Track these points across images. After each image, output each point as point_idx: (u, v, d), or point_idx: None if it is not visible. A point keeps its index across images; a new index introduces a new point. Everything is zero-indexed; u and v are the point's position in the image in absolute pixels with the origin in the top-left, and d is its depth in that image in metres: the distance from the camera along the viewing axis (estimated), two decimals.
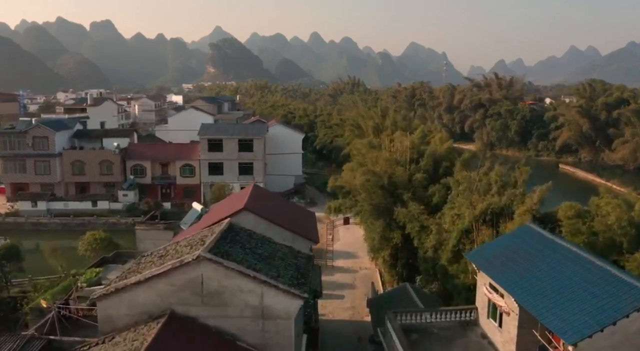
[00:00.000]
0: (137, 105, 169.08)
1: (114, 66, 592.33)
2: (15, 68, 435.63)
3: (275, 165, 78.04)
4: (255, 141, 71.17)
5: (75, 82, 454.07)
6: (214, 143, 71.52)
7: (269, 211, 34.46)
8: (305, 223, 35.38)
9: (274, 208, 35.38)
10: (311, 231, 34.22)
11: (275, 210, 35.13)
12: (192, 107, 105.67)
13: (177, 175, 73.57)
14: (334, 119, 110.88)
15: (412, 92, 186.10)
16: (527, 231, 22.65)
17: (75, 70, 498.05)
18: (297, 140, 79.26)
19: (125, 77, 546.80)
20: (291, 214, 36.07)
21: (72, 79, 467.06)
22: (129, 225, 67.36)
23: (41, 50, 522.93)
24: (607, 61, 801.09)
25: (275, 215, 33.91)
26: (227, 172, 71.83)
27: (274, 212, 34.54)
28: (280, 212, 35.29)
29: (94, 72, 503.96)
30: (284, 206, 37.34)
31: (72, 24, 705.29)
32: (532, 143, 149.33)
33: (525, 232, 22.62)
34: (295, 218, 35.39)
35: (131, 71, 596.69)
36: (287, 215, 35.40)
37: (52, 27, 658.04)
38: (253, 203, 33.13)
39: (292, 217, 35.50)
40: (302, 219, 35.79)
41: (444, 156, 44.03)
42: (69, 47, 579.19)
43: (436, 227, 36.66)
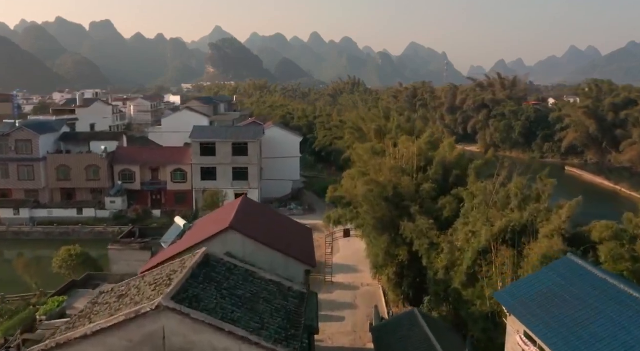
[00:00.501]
0: (132, 106, 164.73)
1: (113, 66, 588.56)
2: (14, 68, 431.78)
3: (272, 170, 73.76)
4: (250, 145, 66.88)
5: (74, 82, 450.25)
6: (207, 147, 67.24)
7: (259, 229, 30.16)
8: (301, 242, 31.09)
9: (265, 225, 31.08)
10: (307, 252, 29.92)
11: (267, 228, 30.83)
12: (187, 108, 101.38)
13: (168, 180, 69.29)
14: (334, 120, 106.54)
15: (413, 92, 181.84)
16: (569, 266, 18.33)
17: (74, 70, 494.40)
18: (294, 143, 74.96)
19: (125, 77, 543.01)
20: (285, 232, 31.78)
21: (71, 79, 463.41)
22: (116, 234, 63.16)
23: (40, 50, 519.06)
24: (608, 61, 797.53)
25: (265, 234, 29.61)
26: (221, 178, 67.57)
27: (264, 230, 30.25)
28: (272, 230, 30.98)
29: (93, 72, 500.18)
30: (277, 222, 33.00)
31: (72, 24, 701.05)
32: (536, 144, 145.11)
33: (567, 267, 18.30)
34: (290, 237, 31.10)
35: (131, 71, 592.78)
36: (280, 233, 31.12)
37: (52, 27, 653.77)
38: (241, 220, 28.83)
39: (285, 236, 31.21)
40: (297, 238, 31.50)
41: (455, 163, 39.67)
42: (69, 47, 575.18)
43: (448, 246, 32.34)
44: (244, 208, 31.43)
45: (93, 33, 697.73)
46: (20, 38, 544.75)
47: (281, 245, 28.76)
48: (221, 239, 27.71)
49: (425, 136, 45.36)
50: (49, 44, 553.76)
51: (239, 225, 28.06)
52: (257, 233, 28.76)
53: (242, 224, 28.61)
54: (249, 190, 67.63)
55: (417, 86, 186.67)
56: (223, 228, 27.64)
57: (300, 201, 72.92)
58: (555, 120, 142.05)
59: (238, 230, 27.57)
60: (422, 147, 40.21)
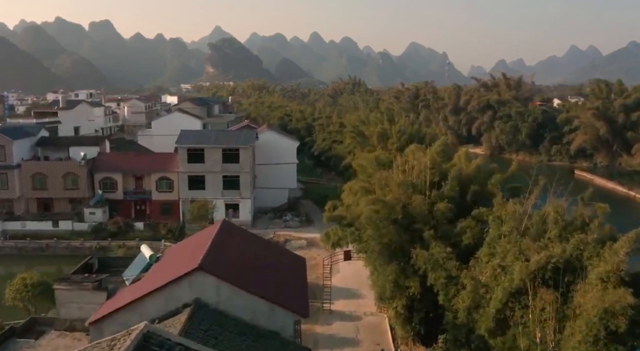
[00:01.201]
0: (126, 107, 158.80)
1: (113, 66, 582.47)
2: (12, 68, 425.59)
3: (267, 177, 67.81)
4: (241, 151, 60.89)
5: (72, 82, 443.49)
6: (195, 154, 61.26)
7: (239, 266, 24.13)
8: (292, 282, 25.07)
9: (247, 261, 25.04)
10: (299, 297, 23.88)
11: (249, 264, 24.79)
12: (179, 110, 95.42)
13: (152, 189, 63.30)
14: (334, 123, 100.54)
15: (415, 93, 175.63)
16: None
17: (72, 70, 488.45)
18: (291, 149, 69.00)
19: (125, 78, 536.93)
20: (272, 268, 25.76)
21: (69, 79, 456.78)
22: (94, 249, 57.28)
23: (39, 50, 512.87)
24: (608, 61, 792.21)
25: (247, 273, 23.61)
26: (210, 187, 61.60)
27: (246, 268, 24.21)
28: (255, 266, 24.95)
29: (92, 72, 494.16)
30: (263, 255, 26.95)
31: (71, 24, 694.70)
32: (544, 147, 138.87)
33: None
34: (278, 276, 25.08)
35: (130, 71, 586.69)
36: (265, 270, 25.11)
37: (51, 27, 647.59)
38: (214, 257, 22.83)
39: (272, 273, 25.20)
40: (287, 276, 25.49)
41: (473, 177, 33.61)
42: (68, 47, 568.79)
43: (471, 283, 26.35)
44: (221, 238, 25.41)
45: (92, 33, 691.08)
46: (18, 38, 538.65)
47: (266, 289, 22.81)
48: (189, 282, 21.81)
49: (437, 144, 39.29)
50: (48, 44, 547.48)
51: (211, 264, 22.11)
52: (235, 274, 22.81)
53: (216, 262, 22.65)
54: (241, 200, 61.76)
55: (420, 86, 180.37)
56: (191, 269, 21.73)
57: (297, 211, 66.95)
58: (564, 122, 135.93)
59: (210, 271, 21.65)
60: (435, 157, 34.10)
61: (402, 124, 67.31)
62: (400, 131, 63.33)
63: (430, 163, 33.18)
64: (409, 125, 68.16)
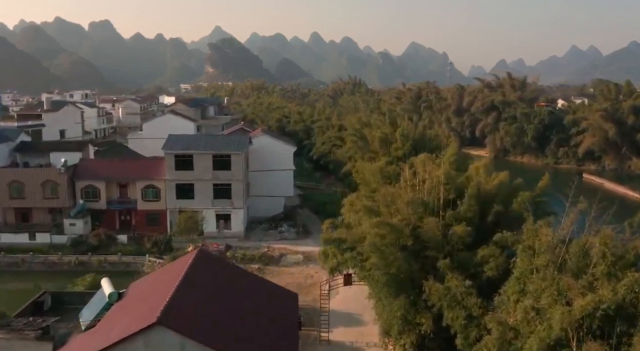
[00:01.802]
0: (120, 108, 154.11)
1: (113, 66, 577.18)
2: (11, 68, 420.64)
3: (261, 185, 63.02)
4: (233, 157, 56.10)
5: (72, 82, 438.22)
6: (183, 160, 56.49)
7: (211, 314, 19.36)
8: (278, 328, 20.32)
9: (222, 306, 20.26)
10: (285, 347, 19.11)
11: (225, 310, 20.01)
12: (171, 112, 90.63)
13: (138, 198, 58.52)
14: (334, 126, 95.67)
15: (417, 93, 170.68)
16: None
17: (72, 70, 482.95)
18: (287, 154, 64.16)
19: (125, 78, 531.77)
20: (253, 311, 21.00)
21: (68, 79, 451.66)
22: (73, 265, 52.67)
23: (38, 50, 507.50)
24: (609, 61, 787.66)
25: (220, 324, 18.85)
26: (199, 196, 56.83)
27: (221, 315, 19.46)
28: (232, 312, 20.17)
29: (91, 72, 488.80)
30: (243, 294, 22.10)
31: (71, 24, 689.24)
32: (550, 149, 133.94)
33: None
34: (260, 321, 20.32)
35: (130, 71, 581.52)
36: (244, 315, 20.33)
37: (50, 27, 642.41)
38: (180, 303, 18.08)
39: (253, 318, 20.43)
40: (272, 319, 20.73)
41: (495, 195, 28.80)
42: (68, 47, 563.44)
43: (499, 329, 21.57)
44: (194, 274, 20.63)
45: (92, 33, 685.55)
46: (17, 38, 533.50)
47: (244, 343, 18.04)
48: (144, 340, 17.04)
49: (449, 153, 34.47)
50: (47, 44, 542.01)
51: (174, 314, 17.34)
52: (205, 325, 18.02)
53: (181, 311, 17.87)
54: (233, 211, 56.99)
55: (422, 87, 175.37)
56: (148, 323, 16.96)
57: (294, 221, 62.14)
58: (571, 124, 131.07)
59: (171, 326, 16.88)
60: (448, 170, 29.26)
61: (405, 128, 62.52)
62: (403, 135, 58.60)
63: (444, 177, 28.36)
64: (412, 129, 63.36)
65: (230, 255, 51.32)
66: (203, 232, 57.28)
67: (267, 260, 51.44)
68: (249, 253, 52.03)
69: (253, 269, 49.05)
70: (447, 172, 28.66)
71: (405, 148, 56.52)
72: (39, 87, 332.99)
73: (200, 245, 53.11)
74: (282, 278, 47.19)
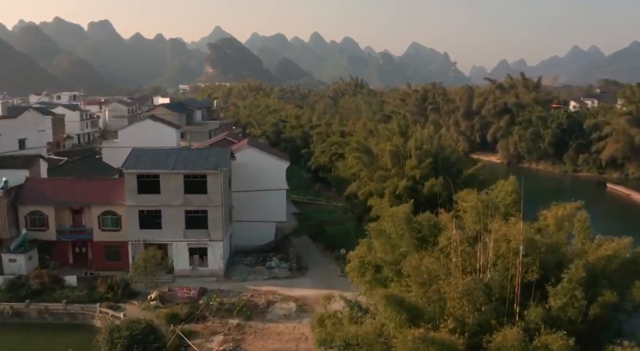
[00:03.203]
0: (107, 111, 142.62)
1: (112, 67, 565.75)
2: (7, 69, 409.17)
3: (247, 208, 51.51)
4: (210, 177, 44.50)
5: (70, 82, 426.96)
6: (147, 181, 44.91)
7: None
8: None
9: None
10: None
11: None
12: (151, 117, 79.05)
13: (94, 227, 46.99)
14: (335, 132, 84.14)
15: (423, 95, 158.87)
16: None
17: (70, 71, 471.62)
18: (279, 171, 52.47)
19: (124, 78, 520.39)
20: None
21: (66, 79, 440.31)
22: (7, 315, 41.18)
23: (36, 50, 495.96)
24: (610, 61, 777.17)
25: None
26: (168, 225, 45.26)
27: None
28: None
29: (89, 73, 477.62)
30: None
31: (70, 24, 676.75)
32: (568, 156, 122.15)
33: None
34: None
35: (130, 72, 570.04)
36: None
37: (50, 27, 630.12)
38: None
39: None
40: None
41: (602, 272, 17.20)
42: (67, 47, 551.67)
43: None
44: None
45: (92, 33, 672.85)
46: (16, 38, 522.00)
47: None
48: None
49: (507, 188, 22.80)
50: (45, 44, 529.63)
51: None
52: None
53: None
54: (210, 244, 45.42)
55: (428, 88, 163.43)
56: None
57: (287, 253, 50.58)
58: (592, 128, 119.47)
59: None
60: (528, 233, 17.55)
61: (419, 138, 50.99)
62: (419, 149, 47.20)
63: (523, 243, 16.67)
64: (426, 139, 51.74)
65: (203, 304, 39.81)
66: (173, 269, 45.83)
67: (251, 310, 39.84)
68: (228, 301, 40.48)
69: (231, 326, 37.61)
70: (528, 237, 16.93)
71: (424, 168, 45.13)
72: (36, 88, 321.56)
73: (165, 291, 41.64)
74: (267, 342, 35.70)
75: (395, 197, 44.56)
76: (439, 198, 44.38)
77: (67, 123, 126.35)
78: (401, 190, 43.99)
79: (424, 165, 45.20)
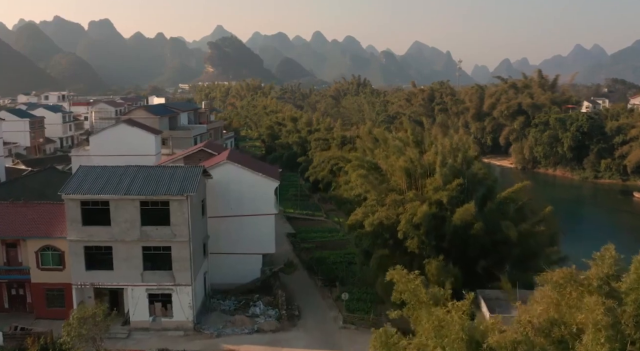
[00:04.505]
0: (93, 112, 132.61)
1: (112, 66, 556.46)
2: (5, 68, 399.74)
3: (228, 237, 41.46)
4: (174, 205, 34.31)
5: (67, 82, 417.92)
6: (95, 209, 34.78)
7: None
8: None
9: None
10: None
11: None
12: (126, 122, 68.91)
13: (32, 265, 36.91)
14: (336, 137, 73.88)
15: (430, 95, 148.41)
16: None
17: (68, 70, 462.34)
18: (266, 192, 42.10)
19: (124, 77, 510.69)
20: None
21: (64, 79, 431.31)
22: None
23: (34, 49, 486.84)
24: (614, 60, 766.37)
25: None
26: (122, 265, 35.12)
27: None
28: None
29: (87, 72, 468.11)
30: None
31: (70, 23, 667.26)
32: (589, 161, 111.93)
33: None
34: None
35: (130, 71, 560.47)
36: None
37: (49, 26, 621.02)
38: None
39: None
40: None
41: None
42: (66, 46, 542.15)
43: None
44: None
45: (92, 32, 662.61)
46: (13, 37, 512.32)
47: None
48: None
49: None
50: (43, 43, 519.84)
51: None
52: None
53: None
54: (175, 289, 35.23)
55: (435, 87, 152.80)
56: None
57: (273, 295, 40.42)
58: (614, 131, 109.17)
59: None
60: None
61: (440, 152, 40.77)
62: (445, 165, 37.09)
63: None
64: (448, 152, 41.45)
65: None
66: (129, 320, 35.75)
67: None
68: None
69: None
70: None
71: (451, 190, 35.00)
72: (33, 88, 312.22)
73: None
74: None
75: (414, 226, 34.54)
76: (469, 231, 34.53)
77: (48, 126, 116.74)
78: (421, 218, 33.97)
79: (451, 186, 35.09)
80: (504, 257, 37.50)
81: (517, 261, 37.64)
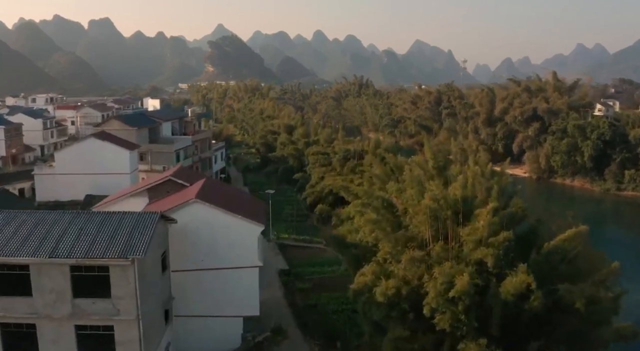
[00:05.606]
0: (79, 117, 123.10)
1: (112, 65, 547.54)
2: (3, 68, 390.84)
3: (199, 296, 31.97)
4: (114, 271, 24.76)
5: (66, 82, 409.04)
6: (11, 275, 25.27)
7: None
8: None
9: None
10: None
11: None
12: (96, 136, 59.40)
13: None
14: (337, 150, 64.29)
15: (437, 97, 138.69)
16: None
17: (67, 70, 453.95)
18: (248, 238, 32.36)
19: (124, 77, 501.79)
20: None
21: (63, 78, 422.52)
22: None
23: (34, 49, 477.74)
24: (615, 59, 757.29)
25: None
26: (48, 349, 25.61)
27: None
28: None
29: (87, 72, 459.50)
30: None
31: (70, 22, 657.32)
32: (610, 171, 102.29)
33: None
34: None
35: (130, 70, 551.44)
36: None
37: (49, 25, 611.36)
38: None
39: None
40: None
41: None
42: (66, 45, 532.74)
43: None
44: None
45: (92, 31, 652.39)
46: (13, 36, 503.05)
47: None
48: None
49: None
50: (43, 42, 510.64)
51: None
52: None
53: None
54: None
55: (442, 90, 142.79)
56: None
57: None
58: (639, 140, 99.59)
59: None
60: None
61: (476, 184, 31.26)
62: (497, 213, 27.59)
63: None
64: (480, 186, 31.83)
65: None
66: None
67: None
68: None
69: None
70: None
71: (499, 246, 25.56)
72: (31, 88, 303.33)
73: None
74: None
75: (448, 301, 25.04)
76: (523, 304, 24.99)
77: (28, 133, 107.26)
78: (461, 291, 24.38)
79: (496, 240, 25.52)
80: (558, 331, 28.09)
81: (574, 336, 28.23)
